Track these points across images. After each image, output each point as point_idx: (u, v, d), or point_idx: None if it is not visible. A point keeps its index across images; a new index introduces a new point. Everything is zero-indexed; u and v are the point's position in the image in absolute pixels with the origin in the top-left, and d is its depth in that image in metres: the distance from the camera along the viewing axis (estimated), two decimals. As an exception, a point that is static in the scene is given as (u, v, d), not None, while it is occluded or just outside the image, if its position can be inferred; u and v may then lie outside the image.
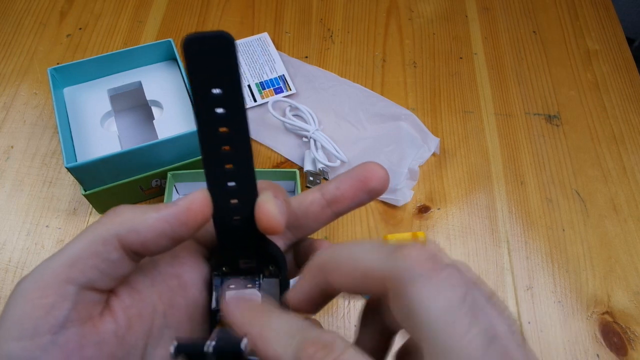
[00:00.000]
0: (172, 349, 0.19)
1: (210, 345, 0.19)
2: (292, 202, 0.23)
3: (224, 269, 0.23)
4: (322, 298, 0.21)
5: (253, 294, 0.23)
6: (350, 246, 0.20)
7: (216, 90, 0.19)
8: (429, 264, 0.16)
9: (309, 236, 0.25)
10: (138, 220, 0.20)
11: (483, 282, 0.18)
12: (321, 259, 0.21)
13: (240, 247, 0.22)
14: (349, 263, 0.19)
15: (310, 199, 0.23)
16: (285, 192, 0.23)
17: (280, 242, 0.24)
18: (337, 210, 0.23)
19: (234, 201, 0.21)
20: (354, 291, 0.20)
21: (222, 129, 0.19)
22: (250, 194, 0.21)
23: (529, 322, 0.47)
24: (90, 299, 0.20)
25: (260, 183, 0.22)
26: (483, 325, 0.15)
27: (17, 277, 0.48)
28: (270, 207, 0.20)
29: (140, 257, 0.21)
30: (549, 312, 0.48)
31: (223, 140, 0.20)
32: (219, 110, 0.19)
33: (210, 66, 0.18)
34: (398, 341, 0.22)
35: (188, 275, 0.23)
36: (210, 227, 0.23)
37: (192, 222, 0.20)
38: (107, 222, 0.20)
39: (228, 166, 0.20)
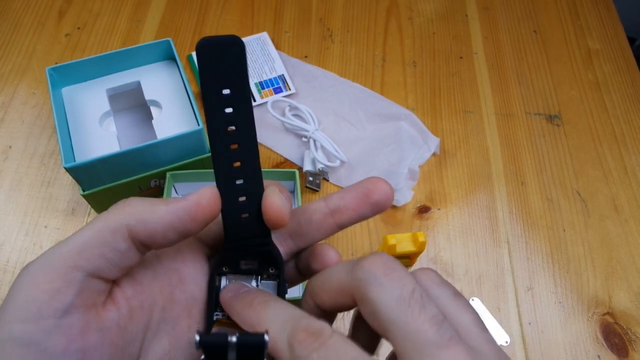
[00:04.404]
0: (196, 339, 0.19)
1: (233, 337, 0.19)
2: (296, 209, 0.24)
3: (224, 268, 0.24)
4: (326, 320, 0.22)
5: (250, 284, 0.24)
6: (326, 270, 0.22)
7: (226, 91, 0.20)
8: (381, 269, 0.19)
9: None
10: (148, 212, 0.20)
11: (449, 283, 0.21)
12: (308, 286, 0.22)
13: (245, 246, 0.23)
14: (325, 285, 0.21)
15: (313, 207, 0.24)
16: (287, 190, 0.24)
17: (282, 250, 0.24)
18: (339, 221, 0.24)
19: (242, 198, 0.22)
20: (337, 309, 0.22)
21: (231, 128, 0.21)
22: (257, 191, 0.22)
23: (530, 323, 0.47)
24: (95, 287, 0.20)
25: (264, 182, 0.22)
26: (431, 311, 0.18)
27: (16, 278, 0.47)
28: (275, 200, 0.22)
29: (147, 249, 0.21)
30: (550, 313, 0.48)
31: (231, 138, 0.21)
32: (228, 110, 0.20)
33: (221, 68, 0.20)
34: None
35: (189, 271, 0.23)
36: (214, 226, 0.23)
37: (201, 217, 0.21)
38: (117, 212, 0.20)
39: (236, 164, 0.21)
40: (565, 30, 0.68)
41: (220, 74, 0.20)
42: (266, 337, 0.19)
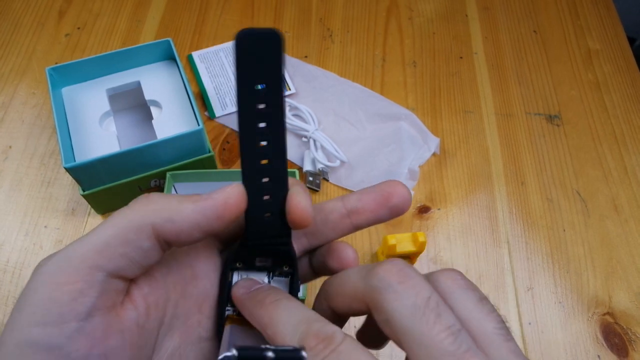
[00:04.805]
0: (234, 354, 0.18)
1: (269, 352, 0.18)
2: (312, 207, 0.24)
3: (238, 264, 0.23)
4: (339, 323, 0.22)
5: (262, 281, 0.24)
6: (341, 274, 0.21)
7: (261, 86, 0.19)
8: (396, 277, 0.18)
9: None
10: (174, 210, 0.20)
11: (476, 286, 0.20)
12: (323, 288, 0.22)
13: (265, 244, 0.23)
14: (339, 289, 0.21)
15: (330, 206, 0.24)
16: (307, 189, 0.23)
17: (295, 248, 0.24)
18: (356, 222, 0.24)
19: (267, 197, 0.21)
20: (351, 314, 0.21)
21: (261, 124, 0.20)
22: (282, 190, 0.22)
23: (530, 323, 0.47)
24: (115, 287, 0.20)
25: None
26: (447, 320, 0.17)
27: (16, 278, 0.47)
28: (302, 200, 0.21)
29: (169, 247, 0.20)
30: (550, 313, 0.48)
31: (261, 135, 0.20)
32: (261, 106, 0.20)
33: (258, 62, 0.19)
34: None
35: (201, 266, 0.23)
36: None
37: (228, 216, 0.20)
38: (141, 209, 0.20)
39: (263, 162, 0.21)
40: (565, 30, 0.68)
41: (257, 67, 0.19)
42: (304, 354, 0.18)
